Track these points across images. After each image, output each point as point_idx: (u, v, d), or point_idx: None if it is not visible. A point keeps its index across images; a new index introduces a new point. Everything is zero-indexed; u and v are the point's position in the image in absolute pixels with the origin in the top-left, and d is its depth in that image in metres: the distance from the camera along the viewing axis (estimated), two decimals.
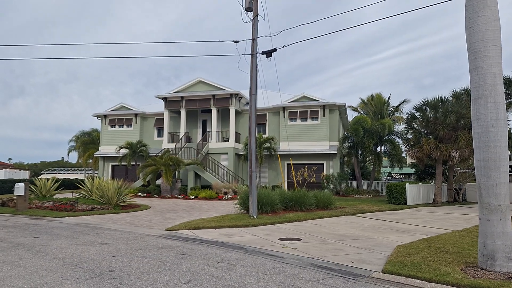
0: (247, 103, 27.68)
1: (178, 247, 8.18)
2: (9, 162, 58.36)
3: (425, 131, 20.29)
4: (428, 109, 19.90)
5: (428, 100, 19.74)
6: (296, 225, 11.63)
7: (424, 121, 19.86)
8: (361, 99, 36.23)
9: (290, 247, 8.22)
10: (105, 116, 30.87)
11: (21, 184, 14.98)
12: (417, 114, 20.47)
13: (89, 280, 5.58)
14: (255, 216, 12.51)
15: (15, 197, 15.68)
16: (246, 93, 26.17)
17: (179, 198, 22.30)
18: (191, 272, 6.06)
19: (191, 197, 22.07)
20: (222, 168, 25.24)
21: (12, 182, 24.81)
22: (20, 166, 60.70)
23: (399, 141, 26.10)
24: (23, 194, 14.94)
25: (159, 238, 9.35)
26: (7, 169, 38.71)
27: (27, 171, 46.82)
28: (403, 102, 33.50)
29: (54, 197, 18.74)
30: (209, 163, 25.21)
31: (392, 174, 55.90)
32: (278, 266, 6.59)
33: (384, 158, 29.16)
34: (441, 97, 19.50)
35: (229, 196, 21.48)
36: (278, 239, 9.17)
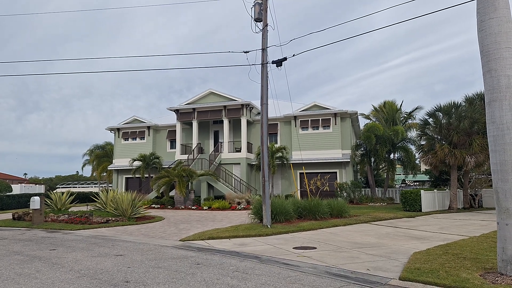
0: (258, 113, 27.82)
1: (193, 257, 8.19)
2: (25, 177, 59.60)
3: (439, 137, 20.00)
4: (441, 114, 19.66)
5: (440, 106, 19.52)
6: (311, 234, 11.53)
7: (437, 127, 19.60)
8: (373, 106, 36.07)
9: (305, 256, 8.14)
10: (118, 129, 31.37)
11: (37, 198, 15.24)
12: (430, 120, 20.24)
13: None
14: (269, 226, 12.45)
15: (31, 211, 15.94)
16: (257, 103, 26.34)
17: (193, 209, 22.37)
18: (206, 282, 6.05)
19: (205, 207, 22.11)
20: (234, 179, 25.28)
21: (28, 196, 25.29)
22: (35, 181, 61.88)
23: (413, 147, 25.78)
24: (38, 208, 15.19)
25: (173, 248, 9.37)
26: (23, 184, 39.53)
27: (43, 185, 47.67)
28: (416, 109, 33.11)
29: (69, 210, 18.99)
30: (222, 174, 25.28)
31: (406, 182, 55.03)
32: (294, 274, 6.53)
33: (397, 165, 28.77)
34: (454, 102, 19.26)
35: (242, 206, 21.45)
36: (293, 248, 9.10)
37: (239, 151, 26.80)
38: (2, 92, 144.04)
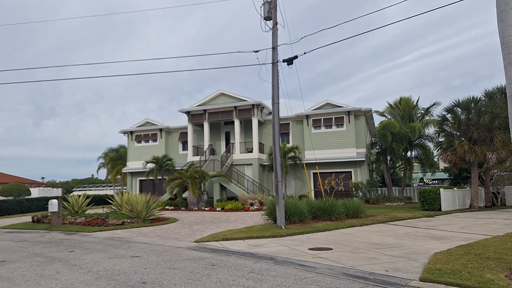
0: (270, 113, 27.70)
1: (208, 258, 8.14)
2: (42, 180, 60.87)
3: (458, 134, 19.53)
4: (459, 110, 19.18)
5: (459, 101, 19.05)
6: (326, 234, 11.36)
7: (456, 123, 19.13)
8: (387, 103, 35.45)
9: (321, 257, 8.00)
10: (131, 132, 31.71)
11: (55, 201, 15.49)
12: (448, 116, 19.76)
13: None
14: (283, 227, 12.33)
15: (49, 214, 16.22)
16: (268, 103, 26.22)
17: (206, 210, 22.41)
18: (222, 283, 5.99)
19: (218, 209, 22.12)
20: (247, 179, 25.22)
21: (46, 199, 25.78)
22: (52, 184, 63.13)
23: (430, 145, 25.23)
24: (56, 210, 15.44)
25: (188, 250, 9.36)
26: (41, 188, 40.37)
27: (60, 188, 48.61)
28: (433, 105, 32.39)
29: (86, 212, 19.26)
30: (234, 175, 25.25)
31: (424, 180, 53.94)
32: (310, 276, 6.41)
33: (415, 164, 28.19)
34: (473, 97, 18.78)
35: (255, 207, 21.37)
36: (308, 249, 8.96)
37: (251, 151, 26.73)
38: (19, 99, 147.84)
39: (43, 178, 63.85)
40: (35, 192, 34.38)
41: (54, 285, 6.17)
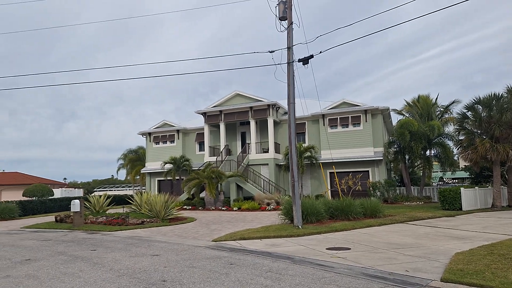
0: (285, 113, 27.66)
1: (226, 257, 8.23)
2: (64, 181, 62.57)
3: (479, 131, 19.05)
4: (480, 107, 18.71)
5: (480, 98, 18.59)
6: (344, 234, 11.29)
7: (477, 121, 18.67)
8: (405, 101, 34.83)
9: (339, 257, 7.97)
10: (150, 133, 32.24)
11: (77, 201, 15.93)
12: (469, 113, 19.31)
13: None
14: (300, 226, 12.32)
15: (71, 214, 16.68)
16: (283, 103, 26.18)
17: (223, 210, 22.57)
18: (240, 282, 6.05)
19: (234, 208, 22.25)
20: (263, 179, 25.26)
21: (68, 200, 26.51)
22: (74, 185, 64.77)
23: (450, 143, 24.68)
24: (78, 210, 15.88)
25: (206, 249, 9.48)
26: (63, 188, 41.42)
27: (81, 189, 49.79)
28: (453, 102, 31.62)
29: (107, 212, 19.70)
30: (250, 175, 25.34)
31: (444, 179, 52.70)
32: (328, 275, 6.40)
33: (434, 163, 27.61)
34: (494, 94, 18.28)
35: (271, 206, 21.39)
36: (326, 249, 8.93)
37: (267, 151, 26.76)
38: (41, 102, 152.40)
39: (65, 179, 65.66)
40: (57, 193, 35.35)
41: (78, 282, 6.37)
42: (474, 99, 18.81)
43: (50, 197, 28.64)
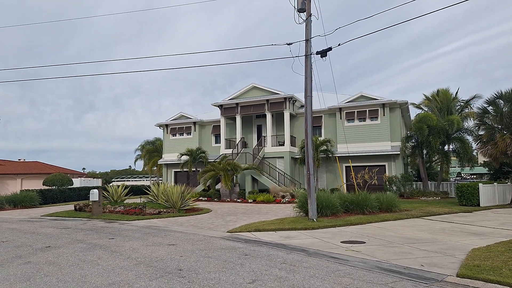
0: (302, 106, 27.52)
1: (241, 248, 8.35)
2: (83, 171, 64.17)
3: (499, 127, 18.55)
4: (502, 102, 18.22)
5: (501, 93, 18.10)
6: (359, 228, 11.26)
7: (498, 116, 18.19)
8: (424, 95, 34.09)
9: (353, 250, 7.97)
10: (167, 125, 32.65)
11: (96, 191, 16.35)
12: (490, 108, 18.84)
13: (160, 278, 5.93)
14: (314, 219, 12.34)
15: (90, 203, 17.16)
16: (300, 96, 26.04)
17: (238, 202, 22.78)
18: (255, 272, 6.15)
19: (250, 200, 22.42)
20: (278, 172, 25.31)
21: (87, 189, 27.21)
22: (93, 175, 66.36)
23: (469, 138, 24.10)
24: (97, 200, 16.31)
25: (222, 239, 9.62)
26: (82, 178, 42.44)
27: (99, 179, 51.01)
28: (474, 97, 30.72)
29: (125, 202, 20.18)
30: (265, 167, 25.41)
31: (462, 175, 51.58)
32: (343, 268, 6.43)
33: (452, 158, 27.04)
34: None
35: (286, 199, 21.45)
36: (341, 242, 8.95)
37: (282, 144, 26.74)
38: (61, 93, 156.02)
39: (84, 169, 67.43)
40: (76, 182, 36.27)
41: (96, 270, 6.58)
42: (495, 94, 18.35)
43: (69, 187, 29.46)
